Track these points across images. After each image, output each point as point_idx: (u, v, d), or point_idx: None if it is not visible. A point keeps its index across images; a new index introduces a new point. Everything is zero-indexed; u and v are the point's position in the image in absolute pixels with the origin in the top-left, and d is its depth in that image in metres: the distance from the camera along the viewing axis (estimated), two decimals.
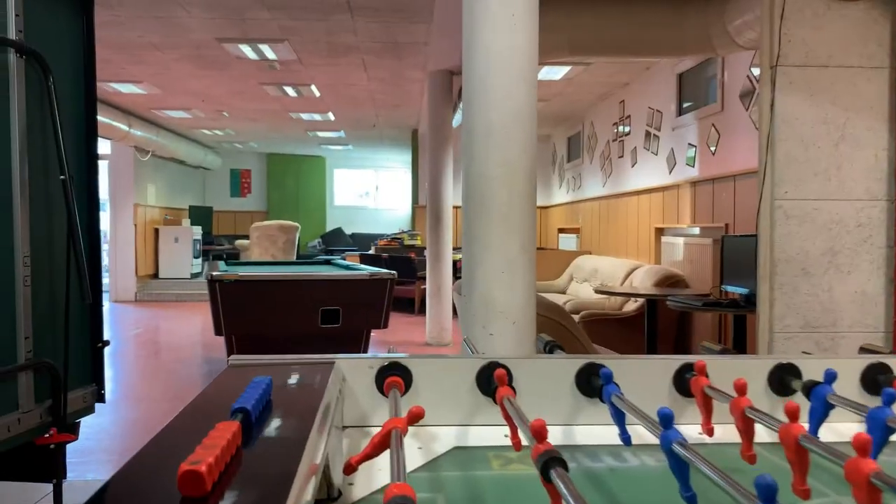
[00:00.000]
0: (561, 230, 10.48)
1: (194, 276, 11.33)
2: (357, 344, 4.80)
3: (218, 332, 4.34)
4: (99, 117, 8.37)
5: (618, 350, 4.38)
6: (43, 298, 2.06)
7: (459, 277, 7.82)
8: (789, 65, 2.85)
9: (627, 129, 7.45)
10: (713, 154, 5.28)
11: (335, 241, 14.43)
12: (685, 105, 5.94)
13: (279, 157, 14.62)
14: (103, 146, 11.02)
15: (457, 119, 7.33)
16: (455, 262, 9.64)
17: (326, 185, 15.06)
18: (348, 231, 14.93)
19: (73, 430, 2.17)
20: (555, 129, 10.82)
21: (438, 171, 6.82)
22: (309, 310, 4.50)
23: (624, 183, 7.57)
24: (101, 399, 2.34)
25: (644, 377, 0.97)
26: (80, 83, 2.34)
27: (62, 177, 2.07)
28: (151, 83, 7.72)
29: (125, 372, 5.63)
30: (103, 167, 11.53)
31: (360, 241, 14.50)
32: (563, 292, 7.97)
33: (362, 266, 5.48)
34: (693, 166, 5.64)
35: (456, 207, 11.36)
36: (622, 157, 7.62)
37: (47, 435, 2.05)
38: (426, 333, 6.96)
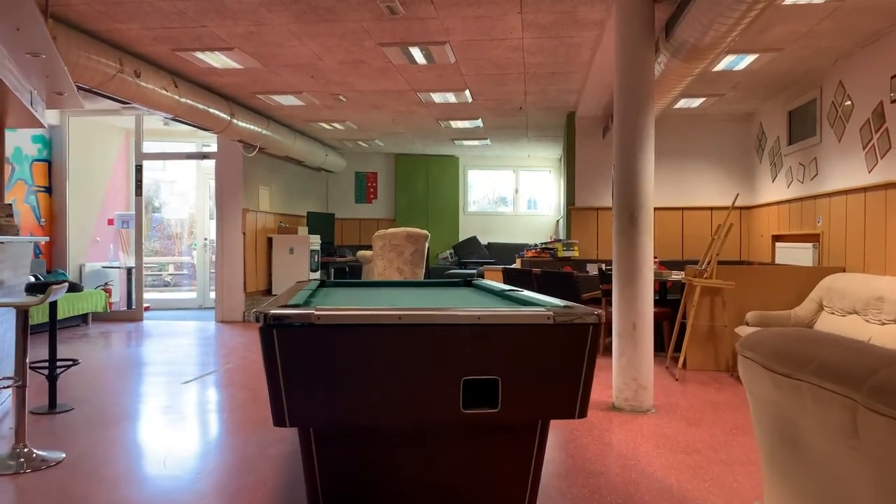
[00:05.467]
0: (778, 238, 7.77)
1: None
2: (528, 443, 2.65)
3: (279, 420, 2.38)
4: (196, 104, 6.60)
5: None
6: None
7: (669, 303, 5.05)
8: None
9: None
10: None
11: (469, 252, 12.50)
12: None
13: (408, 157, 12.91)
14: (211, 143, 9.73)
15: (657, 67, 5.03)
16: (680, 284, 5.51)
17: (459, 188, 13.17)
18: (483, 240, 12.96)
19: None
20: (763, 103, 8.14)
21: (632, 149, 4.54)
22: (443, 380, 2.42)
23: None
24: None
25: None
26: None
27: None
28: (245, 51, 6.08)
29: (187, 437, 3.86)
30: (209, 166, 10.30)
31: (497, 252, 12.50)
32: (809, 326, 5.39)
33: (529, 294, 3.29)
34: None
35: (661, 209, 8.82)
36: None
37: None
38: (613, 391, 4.64)
